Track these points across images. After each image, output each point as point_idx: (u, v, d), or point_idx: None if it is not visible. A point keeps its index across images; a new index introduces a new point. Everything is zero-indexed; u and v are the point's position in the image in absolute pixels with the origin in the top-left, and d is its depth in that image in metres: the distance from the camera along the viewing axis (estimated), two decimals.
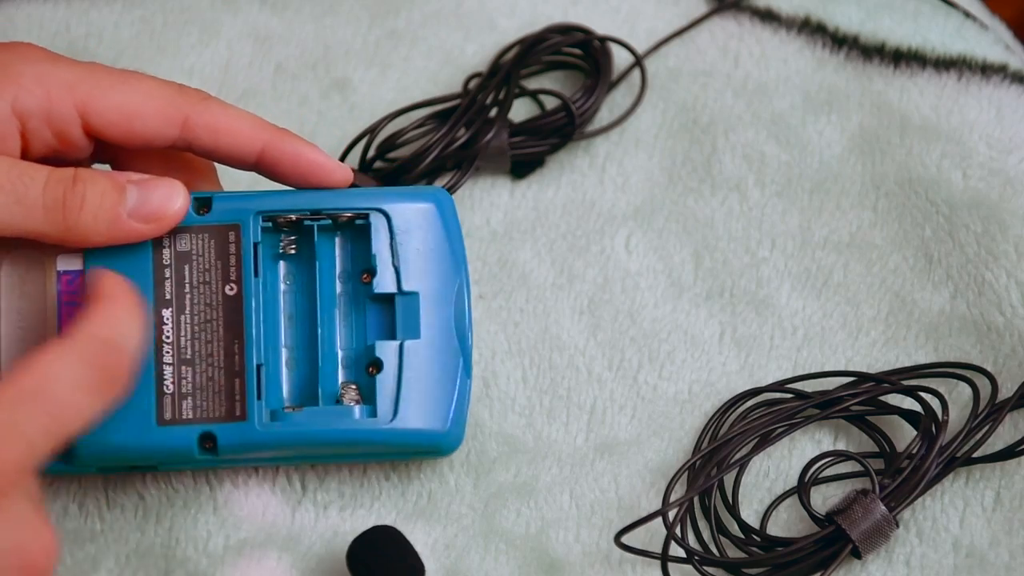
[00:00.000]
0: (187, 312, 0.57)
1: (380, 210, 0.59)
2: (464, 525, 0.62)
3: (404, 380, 0.58)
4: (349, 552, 0.59)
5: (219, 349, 0.57)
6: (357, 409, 0.58)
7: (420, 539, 0.61)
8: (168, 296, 0.57)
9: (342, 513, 0.62)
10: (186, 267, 0.57)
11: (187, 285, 0.57)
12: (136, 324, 0.52)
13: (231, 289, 0.58)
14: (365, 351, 0.59)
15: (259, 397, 0.57)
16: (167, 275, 0.57)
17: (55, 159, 0.58)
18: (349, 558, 0.59)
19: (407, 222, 0.59)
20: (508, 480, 0.63)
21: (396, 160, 0.67)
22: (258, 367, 0.57)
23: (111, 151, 0.60)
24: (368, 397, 0.59)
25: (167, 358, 0.57)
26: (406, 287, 0.59)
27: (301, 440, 0.58)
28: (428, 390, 0.58)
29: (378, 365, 0.58)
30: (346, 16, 0.74)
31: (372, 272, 0.59)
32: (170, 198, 0.56)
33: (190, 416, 0.57)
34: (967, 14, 0.74)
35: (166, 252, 0.57)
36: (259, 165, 0.59)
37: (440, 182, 0.68)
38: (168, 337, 0.57)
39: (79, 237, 0.55)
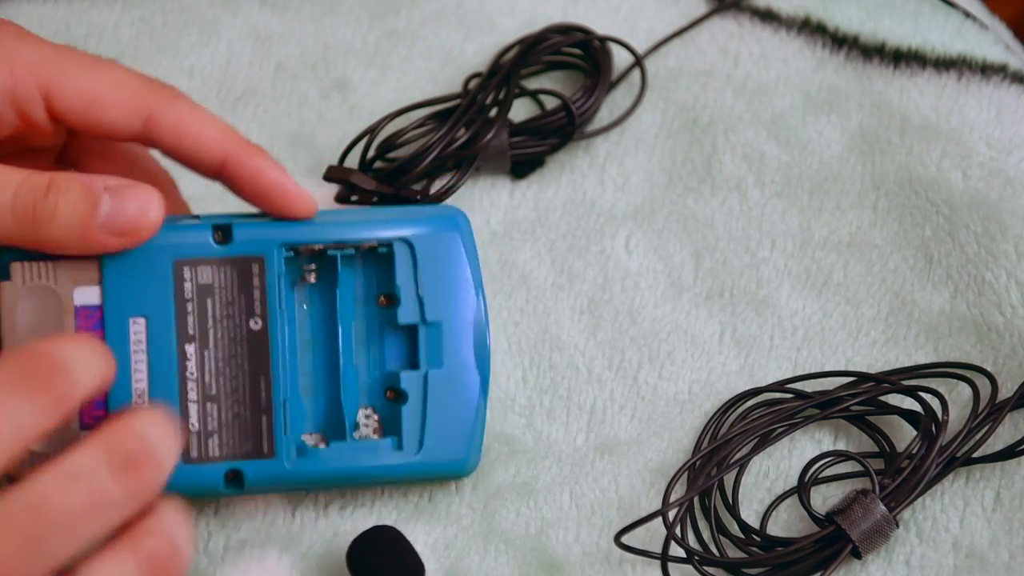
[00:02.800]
0: (211, 347, 0.56)
1: (405, 240, 0.59)
2: (464, 525, 0.62)
3: (428, 411, 0.58)
4: (349, 552, 0.59)
5: (244, 384, 0.56)
6: (384, 443, 0.58)
7: (420, 539, 0.61)
8: (191, 331, 0.56)
9: (342, 513, 0.62)
10: (208, 300, 0.56)
11: (210, 319, 0.56)
12: (86, 351, 0.47)
13: (256, 323, 0.56)
14: (383, 377, 0.59)
15: (285, 432, 0.57)
16: (189, 309, 0.56)
17: (22, 141, 0.57)
18: (349, 558, 0.59)
19: (431, 250, 0.58)
20: (508, 480, 0.63)
21: (396, 160, 0.67)
22: (284, 402, 0.57)
23: (77, 145, 0.59)
24: (390, 427, 0.59)
25: (192, 395, 0.56)
26: (429, 317, 0.58)
27: (330, 476, 0.58)
28: (451, 418, 0.59)
29: (401, 395, 0.58)
30: (346, 16, 0.74)
31: (394, 300, 0.58)
32: (145, 209, 0.54)
33: (217, 454, 0.56)
34: (967, 14, 0.74)
35: (187, 285, 0.56)
36: (221, 176, 0.57)
37: (440, 182, 0.68)
38: (192, 373, 0.56)
39: (50, 246, 0.53)
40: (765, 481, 0.63)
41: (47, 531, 0.44)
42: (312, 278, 0.59)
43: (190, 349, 0.56)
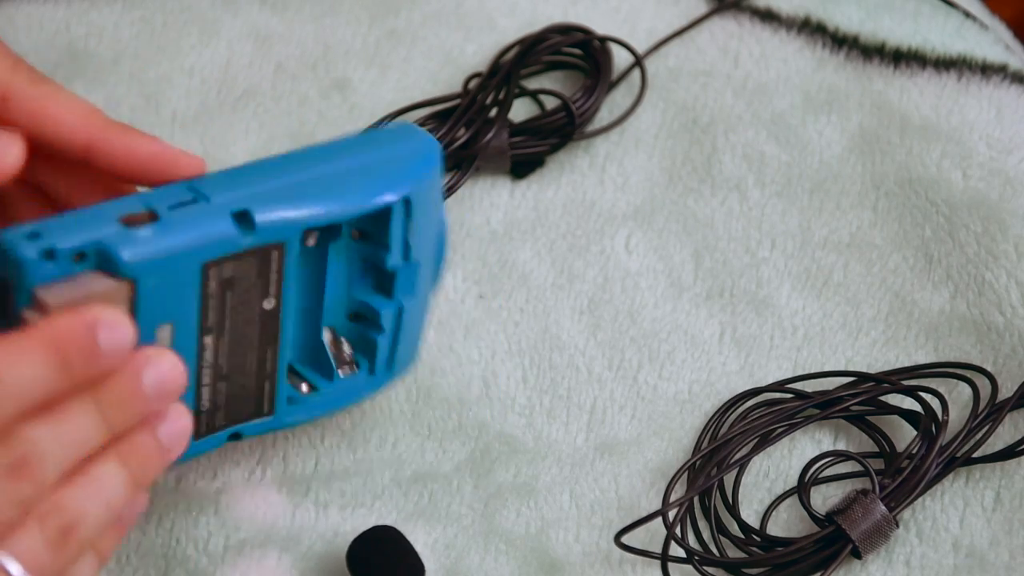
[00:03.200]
0: (226, 333, 0.56)
1: (406, 198, 0.57)
2: (464, 525, 0.62)
3: (400, 337, 0.59)
4: (349, 552, 0.59)
5: (253, 359, 0.57)
6: (361, 376, 0.59)
7: (420, 539, 0.61)
8: (211, 324, 0.55)
9: (342, 513, 0.62)
10: (228, 292, 0.55)
11: (228, 308, 0.55)
12: (33, 370, 0.47)
13: (269, 303, 0.56)
14: (348, 301, 0.59)
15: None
16: (211, 305, 0.55)
17: None
18: (349, 558, 0.59)
19: (423, 200, 0.58)
20: (508, 480, 0.63)
21: None
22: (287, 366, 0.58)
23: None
24: (363, 351, 0.59)
25: (205, 380, 0.56)
26: (413, 257, 0.58)
27: (316, 416, 0.60)
28: (413, 338, 0.60)
29: (375, 325, 0.59)
30: (346, 16, 0.74)
31: (368, 237, 0.58)
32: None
33: (223, 423, 0.57)
34: (967, 14, 0.74)
35: (212, 284, 0.54)
36: (89, 159, 0.54)
37: None
38: (207, 361, 0.56)
39: None
40: (765, 481, 0.63)
41: None
42: (312, 241, 0.58)
43: (208, 340, 0.56)
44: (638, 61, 0.72)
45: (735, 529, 0.61)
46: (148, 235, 0.51)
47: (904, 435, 0.63)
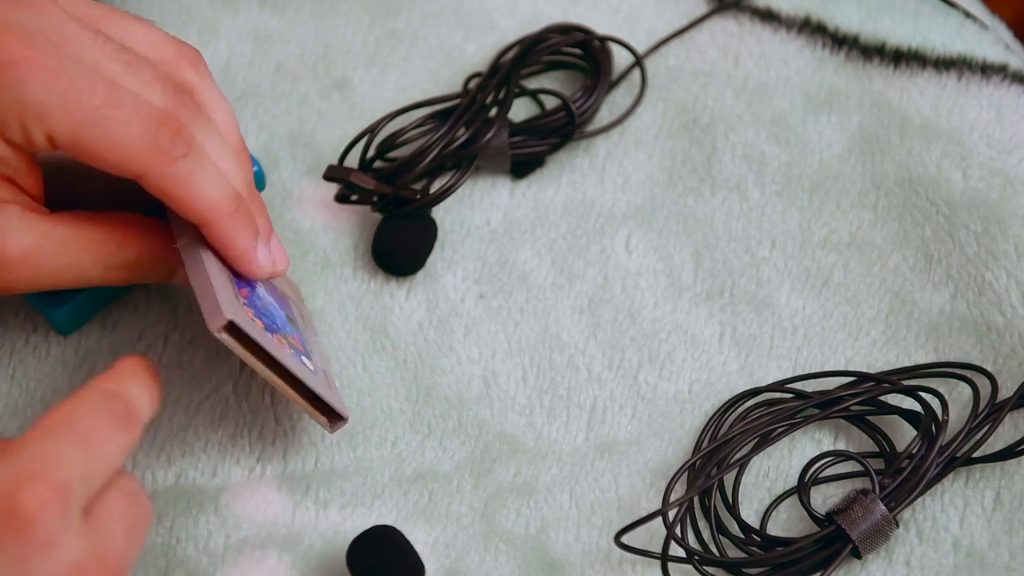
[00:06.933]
0: None
1: None
2: (464, 525, 0.62)
3: None
4: (349, 551, 0.59)
5: None
6: None
7: (420, 539, 0.61)
8: None
9: (342, 512, 0.62)
10: None
11: None
12: (143, 386, 0.54)
13: None
14: None
15: None
16: None
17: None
18: (349, 557, 0.59)
19: None
20: (508, 480, 0.63)
21: (396, 160, 0.67)
22: None
23: None
24: None
25: None
26: None
27: None
28: None
29: None
30: (346, 16, 0.74)
31: None
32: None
33: None
34: (967, 14, 0.74)
35: None
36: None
37: (440, 182, 0.68)
38: None
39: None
40: (765, 481, 0.63)
41: None
42: None
43: None
44: (638, 61, 0.72)
45: (735, 529, 0.61)
46: None
47: (904, 435, 0.63)
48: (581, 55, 0.72)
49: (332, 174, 0.67)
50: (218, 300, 0.56)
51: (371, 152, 0.68)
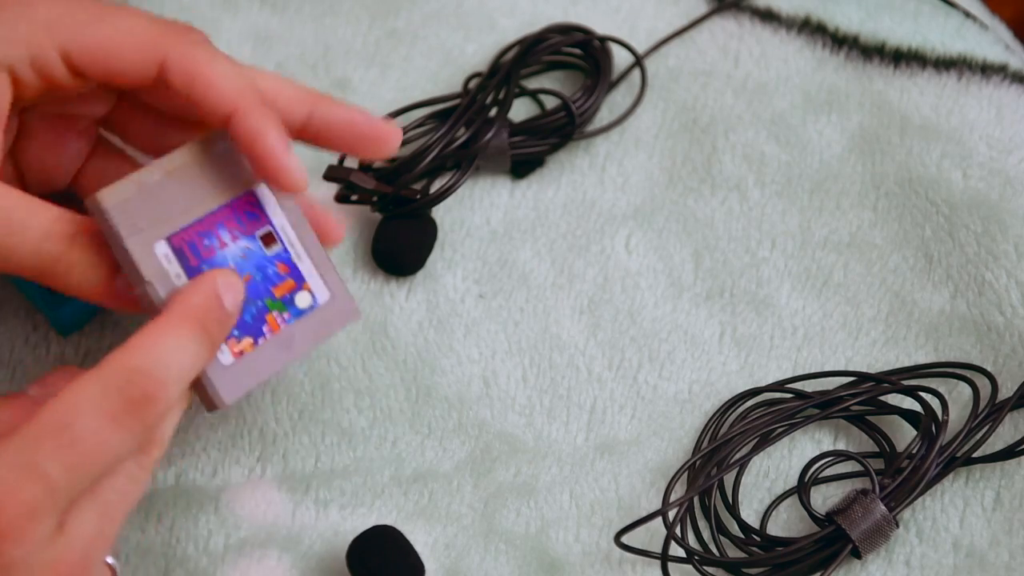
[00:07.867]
0: None
1: None
2: (464, 525, 0.62)
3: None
4: (349, 551, 0.59)
5: None
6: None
7: (420, 539, 0.61)
8: None
9: (342, 512, 0.62)
10: None
11: None
12: (185, 352, 0.50)
13: None
14: None
15: None
16: None
17: (55, 104, 0.57)
18: (349, 557, 0.59)
19: None
20: (508, 480, 0.63)
21: (396, 160, 0.67)
22: None
23: (121, 112, 0.59)
24: None
25: None
26: None
27: None
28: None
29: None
30: (346, 16, 0.74)
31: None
32: None
33: None
34: (967, 14, 0.74)
35: None
36: (227, 128, 0.55)
37: (440, 182, 0.68)
38: None
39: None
40: (765, 481, 0.63)
41: None
42: None
43: None
44: (638, 61, 0.72)
45: (735, 529, 0.61)
46: None
47: (904, 435, 0.63)
48: (581, 55, 0.72)
49: (332, 174, 0.67)
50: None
51: None
